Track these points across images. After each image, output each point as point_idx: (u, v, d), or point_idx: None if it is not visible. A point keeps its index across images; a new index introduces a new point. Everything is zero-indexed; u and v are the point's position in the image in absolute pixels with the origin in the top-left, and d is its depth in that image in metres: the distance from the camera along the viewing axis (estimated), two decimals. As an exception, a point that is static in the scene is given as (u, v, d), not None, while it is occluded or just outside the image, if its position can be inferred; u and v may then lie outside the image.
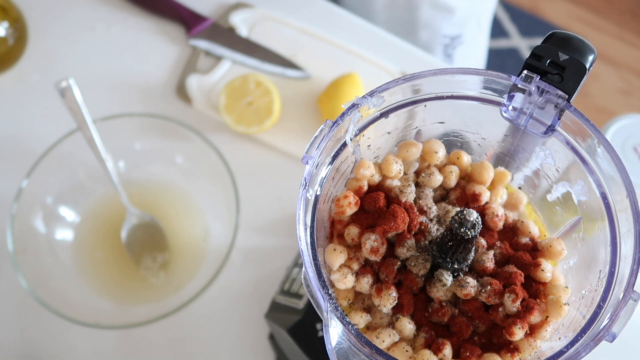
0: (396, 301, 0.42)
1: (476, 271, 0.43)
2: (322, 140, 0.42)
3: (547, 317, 0.41)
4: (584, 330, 0.38)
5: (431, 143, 0.46)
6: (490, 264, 0.43)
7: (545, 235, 0.48)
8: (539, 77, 0.41)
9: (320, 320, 0.50)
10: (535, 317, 0.41)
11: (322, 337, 0.39)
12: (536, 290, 0.42)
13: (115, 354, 0.75)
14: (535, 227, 0.46)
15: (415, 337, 0.42)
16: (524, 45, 1.89)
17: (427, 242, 0.44)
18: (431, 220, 0.45)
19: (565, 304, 0.41)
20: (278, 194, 0.81)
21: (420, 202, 0.45)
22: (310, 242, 0.40)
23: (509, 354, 0.41)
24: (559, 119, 0.41)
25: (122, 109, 0.83)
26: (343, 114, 0.42)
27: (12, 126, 0.85)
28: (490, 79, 0.42)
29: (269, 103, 0.81)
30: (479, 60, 1.22)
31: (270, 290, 0.75)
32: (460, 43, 1.13)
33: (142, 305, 0.75)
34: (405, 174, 0.46)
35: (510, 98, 0.42)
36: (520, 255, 0.44)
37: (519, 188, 0.49)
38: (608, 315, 0.38)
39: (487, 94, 0.44)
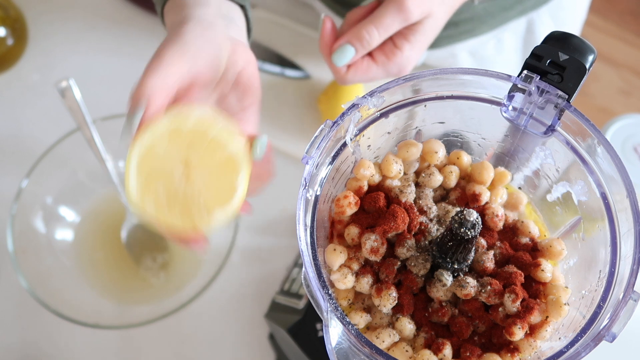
0: (396, 301, 0.42)
1: (476, 271, 0.43)
2: (322, 140, 0.42)
3: (547, 317, 0.41)
4: (584, 330, 0.38)
5: (431, 143, 0.46)
6: (490, 264, 0.43)
7: (545, 235, 0.48)
8: (539, 77, 0.41)
9: (320, 320, 0.50)
10: (535, 317, 0.41)
11: (322, 337, 0.39)
12: (536, 290, 0.42)
13: (115, 354, 0.75)
14: (535, 227, 0.46)
15: (415, 337, 0.42)
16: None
17: (427, 242, 0.44)
18: (431, 220, 0.45)
19: (565, 304, 0.41)
20: (278, 194, 0.81)
21: (420, 202, 0.45)
22: (310, 242, 0.40)
23: (509, 354, 0.41)
24: (559, 119, 0.41)
25: (122, 109, 0.83)
26: (343, 114, 0.42)
27: (12, 126, 0.84)
28: (490, 79, 0.42)
29: (230, 173, 0.45)
30: None
31: (270, 290, 0.75)
32: None
33: (142, 305, 0.75)
34: (405, 174, 0.46)
35: (510, 98, 0.42)
36: (520, 255, 0.44)
37: (519, 188, 0.49)
38: (608, 315, 0.38)
39: (487, 94, 0.44)
